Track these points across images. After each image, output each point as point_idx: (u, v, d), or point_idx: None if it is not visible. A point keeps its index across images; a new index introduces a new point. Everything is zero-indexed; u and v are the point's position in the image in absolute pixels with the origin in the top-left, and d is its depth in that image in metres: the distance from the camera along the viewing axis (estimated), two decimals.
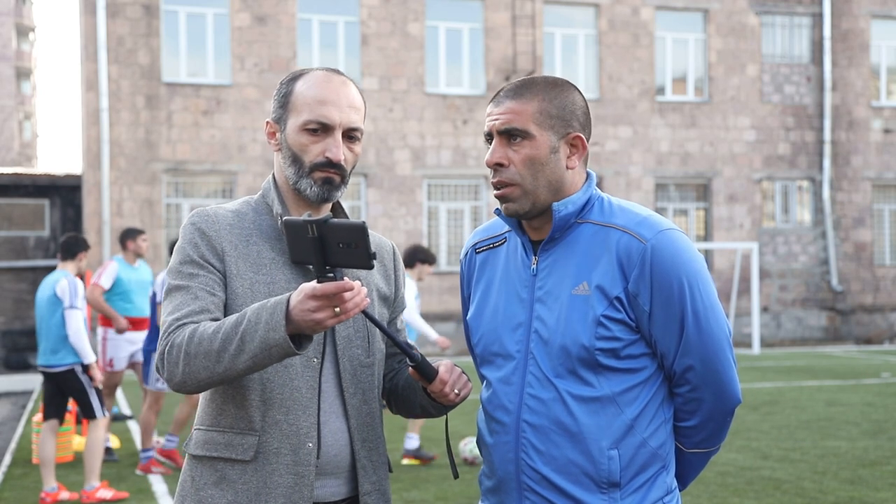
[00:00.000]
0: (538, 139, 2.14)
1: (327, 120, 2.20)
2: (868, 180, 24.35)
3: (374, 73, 21.28)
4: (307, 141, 2.20)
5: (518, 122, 2.14)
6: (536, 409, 2.12)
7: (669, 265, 2.08)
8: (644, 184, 22.76)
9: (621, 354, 2.10)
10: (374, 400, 2.28)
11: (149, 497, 7.28)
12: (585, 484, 2.10)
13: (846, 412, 11.05)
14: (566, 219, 2.15)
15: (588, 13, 22.79)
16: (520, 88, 2.17)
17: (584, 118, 2.19)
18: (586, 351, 2.09)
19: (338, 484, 2.21)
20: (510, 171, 2.16)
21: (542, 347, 2.13)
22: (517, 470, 2.15)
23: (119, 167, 19.96)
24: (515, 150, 2.15)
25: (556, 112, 2.15)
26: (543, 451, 2.11)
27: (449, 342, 8.39)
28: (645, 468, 2.13)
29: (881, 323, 24.41)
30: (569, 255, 2.15)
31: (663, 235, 2.10)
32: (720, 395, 2.16)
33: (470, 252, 2.35)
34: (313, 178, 2.20)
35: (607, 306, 2.08)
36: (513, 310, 2.19)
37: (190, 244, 2.19)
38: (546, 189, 2.15)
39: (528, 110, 2.14)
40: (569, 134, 2.16)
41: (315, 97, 2.20)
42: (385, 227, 21.06)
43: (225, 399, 2.18)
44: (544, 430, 2.11)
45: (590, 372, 2.10)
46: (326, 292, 1.91)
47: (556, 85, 2.18)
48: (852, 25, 24.25)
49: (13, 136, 54.02)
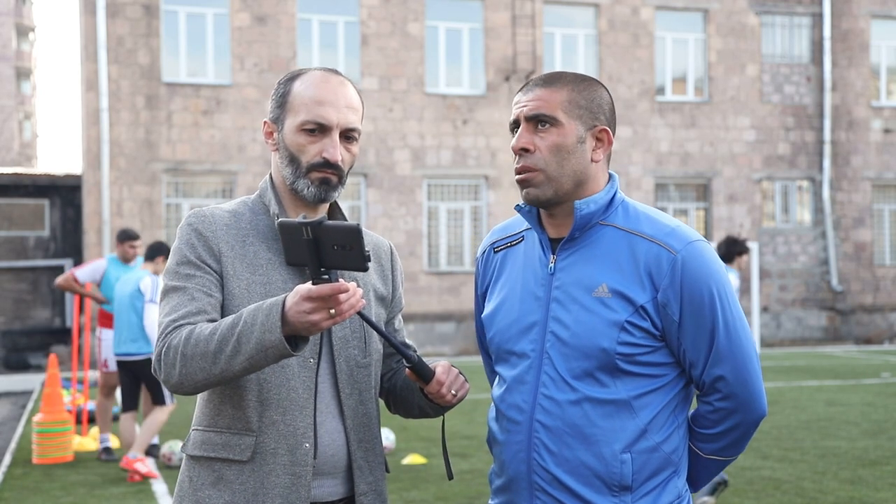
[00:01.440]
0: (566, 127, 2.14)
1: (324, 120, 2.19)
2: (868, 180, 24.35)
3: (374, 73, 21.28)
4: (304, 141, 2.20)
5: (546, 108, 2.14)
6: (550, 410, 2.12)
7: (700, 275, 2.09)
8: (644, 184, 22.76)
9: (641, 360, 2.10)
10: (371, 400, 2.28)
11: (149, 497, 7.28)
12: (597, 486, 2.10)
13: (846, 412, 11.05)
14: (587, 218, 2.14)
15: (588, 13, 22.79)
16: (550, 78, 2.18)
17: (610, 115, 2.20)
18: (606, 355, 2.08)
19: (335, 484, 2.21)
20: (535, 157, 2.15)
21: (559, 348, 2.12)
22: (528, 470, 2.14)
23: (119, 167, 19.96)
24: (542, 137, 2.15)
25: (585, 103, 2.16)
26: (556, 452, 2.11)
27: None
28: (657, 473, 2.13)
29: (881, 323, 24.41)
30: (589, 257, 2.14)
31: (693, 247, 2.10)
32: (749, 406, 2.16)
33: (488, 251, 2.34)
34: (310, 178, 2.20)
35: (632, 313, 2.08)
36: (528, 308, 2.18)
37: (186, 245, 2.19)
38: (570, 178, 2.14)
39: (557, 98, 2.15)
40: (595, 126, 2.17)
41: (313, 97, 2.20)
42: (385, 227, 21.06)
43: (222, 400, 2.18)
44: (558, 431, 2.11)
45: (607, 375, 2.10)
46: (322, 294, 1.91)
47: (586, 79, 2.20)
48: (852, 25, 24.25)
49: (13, 136, 54.04)
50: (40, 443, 8.69)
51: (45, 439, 8.68)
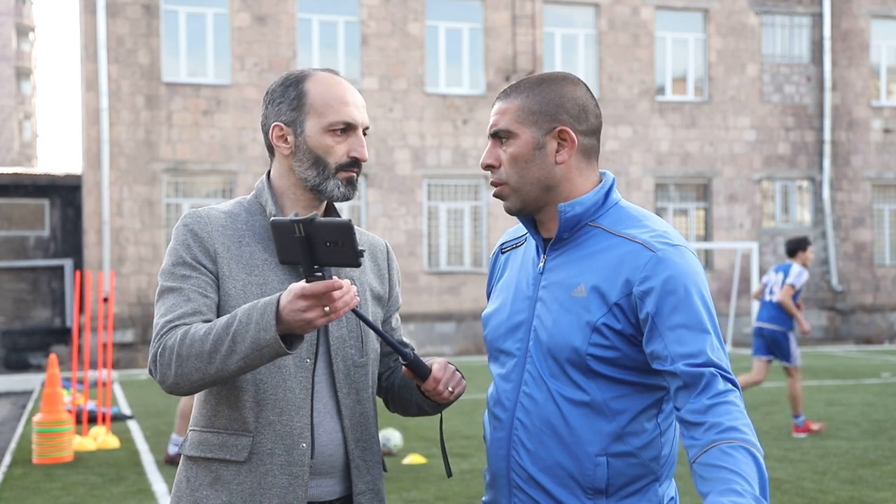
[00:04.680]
0: (521, 137, 2.14)
1: (353, 119, 2.22)
2: (868, 180, 24.35)
3: (374, 73, 21.29)
4: (332, 142, 2.21)
5: (503, 122, 2.16)
6: (529, 408, 2.13)
7: (678, 272, 2.04)
8: (644, 184, 22.76)
9: (614, 363, 2.08)
10: (369, 400, 2.28)
11: (149, 497, 7.28)
12: (571, 488, 2.09)
13: (846, 412, 11.05)
14: (573, 220, 2.14)
15: (588, 13, 22.79)
16: (509, 89, 2.19)
17: (576, 111, 2.14)
18: (577, 354, 2.08)
19: (332, 483, 2.21)
20: (500, 172, 2.18)
21: (538, 346, 2.14)
22: (507, 467, 2.16)
23: (119, 167, 19.96)
24: (504, 150, 2.17)
25: (538, 107, 2.14)
26: (532, 450, 2.12)
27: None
28: (634, 480, 2.10)
29: (881, 323, 24.41)
30: (574, 258, 2.15)
31: (675, 248, 2.07)
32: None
33: (496, 252, 2.38)
34: (339, 178, 2.22)
35: (605, 313, 2.06)
36: (518, 307, 2.20)
37: (182, 246, 2.19)
38: (533, 186, 2.14)
39: (510, 109, 2.15)
40: (554, 128, 2.14)
41: (337, 98, 2.22)
42: (385, 227, 21.06)
43: (219, 400, 2.18)
44: (535, 429, 2.12)
45: (580, 375, 2.09)
46: (315, 292, 1.91)
47: (546, 80, 2.17)
48: (852, 25, 24.25)
49: (13, 136, 54.07)
50: (40, 443, 8.69)
51: (45, 439, 8.69)
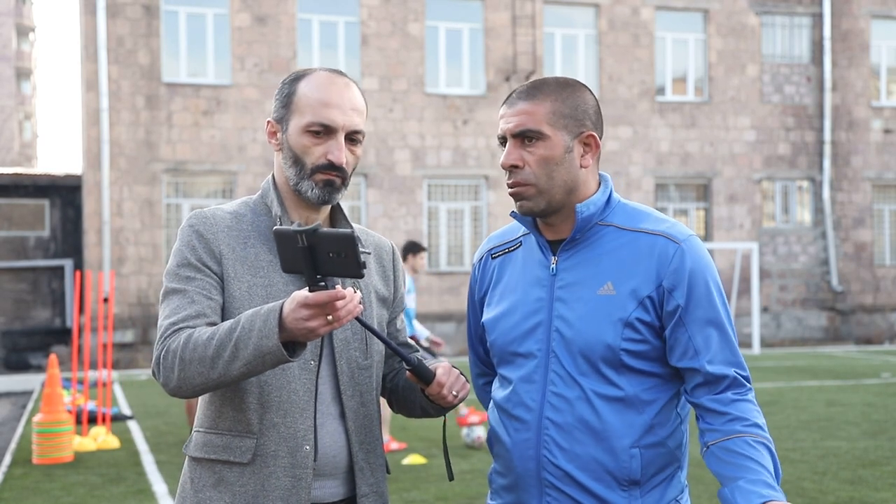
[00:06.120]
0: (552, 139, 2.16)
1: (330, 122, 2.18)
2: (868, 180, 24.35)
3: (374, 73, 21.28)
4: (309, 143, 2.19)
5: (531, 123, 2.15)
6: (560, 407, 2.15)
7: (700, 267, 2.16)
8: (644, 184, 22.77)
9: (647, 356, 2.15)
10: (373, 402, 2.28)
11: (149, 497, 7.28)
12: (607, 481, 2.14)
13: (846, 412, 11.05)
14: (588, 220, 2.18)
15: (588, 13, 22.79)
16: (532, 90, 2.18)
17: (595, 117, 2.22)
18: (611, 350, 2.12)
19: (335, 485, 2.21)
20: (525, 172, 2.17)
21: (564, 346, 2.16)
22: (538, 467, 2.17)
23: (119, 167, 19.96)
24: (530, 151, 2.17)
25: (569, 112, 2.17)
26: (567, 448, 2.14)
27: (443, 343, 8.44)
28: (664, 468, 2.18)
29: (881, 323, 24.41)
30: (590, 257, 2.18)
31: (693, 239, 2.19)
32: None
33: (485, 257, 2.37)
34: (314, 180, 2.19)
35: (637, 307, 2.12)
36: (531, 310, 2.21)
37: (187, 247, 2.18)
38: (561, 188, 2.17)
39: (540, 111, 2.16)
40: (582, 133, 2.18)
41: (319, 99, 2.19)
42: (385, 227, 21.06)
43: (223, 402, 2.18)
44: (568, 427, 2.14)
45: (613, 371, 2.14)
46: (318, 301, 1.91)
47: (568, 85, 2.20)
48: (852, 25, 24.25)
49: (13, 136, 54.06)
50: (40, 443, 8.69)
51: (45, 439, 8.69)
